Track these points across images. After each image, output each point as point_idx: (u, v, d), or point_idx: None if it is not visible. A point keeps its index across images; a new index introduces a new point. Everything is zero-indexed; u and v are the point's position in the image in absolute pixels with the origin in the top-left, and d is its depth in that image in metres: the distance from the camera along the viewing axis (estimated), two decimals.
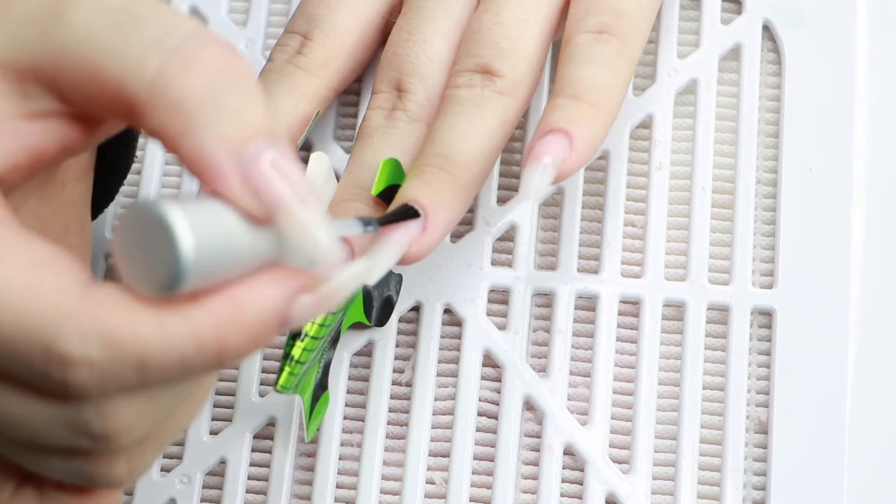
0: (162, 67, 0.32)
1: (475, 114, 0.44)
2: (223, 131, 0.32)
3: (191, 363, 0.32)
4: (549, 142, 0.43)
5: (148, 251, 0.31)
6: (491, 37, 0.45)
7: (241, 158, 0.32)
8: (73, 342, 0.31)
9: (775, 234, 0.48)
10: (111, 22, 0.32)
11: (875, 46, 0.50)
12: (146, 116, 0.32)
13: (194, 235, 0.31)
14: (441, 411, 0.47)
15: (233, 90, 0.32)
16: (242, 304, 0.32)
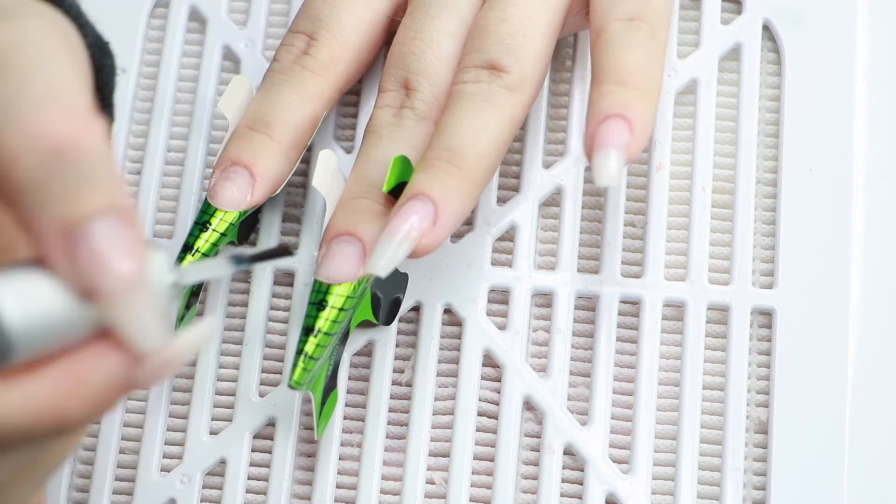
0: (8, 130, 0.31)
1: (483, 108, 0.44)
2: (51, 212, 0.31)
3: (31, 432, 0.32)
4: (610, 127, 0.43)
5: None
6: (497, 33, 0.45)
7: (67, 240, 0.31)
8: None
9: (775, 234, 0.48)
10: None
11: (875, 46, 0.50)
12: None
13: (21, 309, 0.31)
14: (441, 411, 0.47)
15: (67, 170, 0.31)
16: (82, 373, 0.32)
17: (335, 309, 0.43)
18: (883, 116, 0.49)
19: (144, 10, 0.52)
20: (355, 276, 0.43)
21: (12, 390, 0.32)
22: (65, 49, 0.34)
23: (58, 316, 0.32)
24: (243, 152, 0.46)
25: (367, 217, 0.44)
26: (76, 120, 0.32)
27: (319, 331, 0.43)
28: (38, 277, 0.32)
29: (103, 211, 0.31)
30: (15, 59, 0.32)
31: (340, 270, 0.43)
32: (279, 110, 0.47)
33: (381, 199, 0.44)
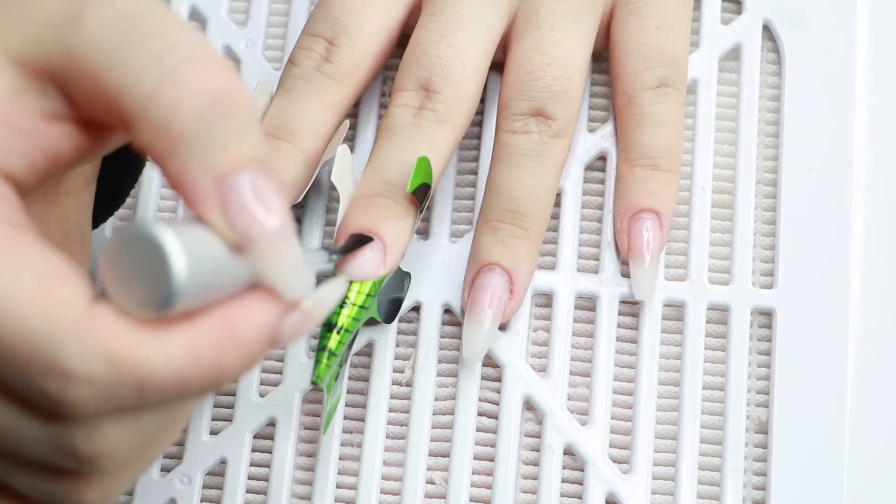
0: (157, 86, 0.32)
1: (537, 163, 0.46)
2: (207, 159, 0.32)
3: (189, 384, 0.32)
4: (644, 230, 0.46)
5: (139, 272, 0.32)
6: (544, 79, 0.46)
7: (221, 188, 0.32)
8: (75, 358, 0.31)
9: (775, 234, 0.48)
10: (120, 31, 0.32)
11: (875, 46, 0.50)
12: (137, 131, 0.33)
13: (186, 255, 0.31)
14: (441, 411, 0.47)
15: (224, 119, 0.32)
16: (238, 324, 0.33)
17: (356, 306, 0.43)
18: (883, 116, 0.49)
19: None
20: (378, 275, 0.44)
21: (174, 337, 0.32)
22: None
23: (216, 265, 0.32)
24: None
25: (388, 216, 0.44)
26: (227, 73, 0.33)
27: (342, 327, 0.43)
28: (199, 230, 0.32)
29: (255, 160, 0.32)
30: (149, 21, 0.33)
31: (364, 269, 0.44)
32: (303, 118, 0.46)
33: (399, 198, 0.45)
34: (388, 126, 0.46)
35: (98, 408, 0.32)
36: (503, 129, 0.47)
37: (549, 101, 0.46)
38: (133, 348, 0.32)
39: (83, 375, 0.31)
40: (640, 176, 0.47)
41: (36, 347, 0.31)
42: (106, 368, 0.31)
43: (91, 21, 0.33)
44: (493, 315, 0.46)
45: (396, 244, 0.44)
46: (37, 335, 0.31)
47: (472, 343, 0.46)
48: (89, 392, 0.31)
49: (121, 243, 0.32)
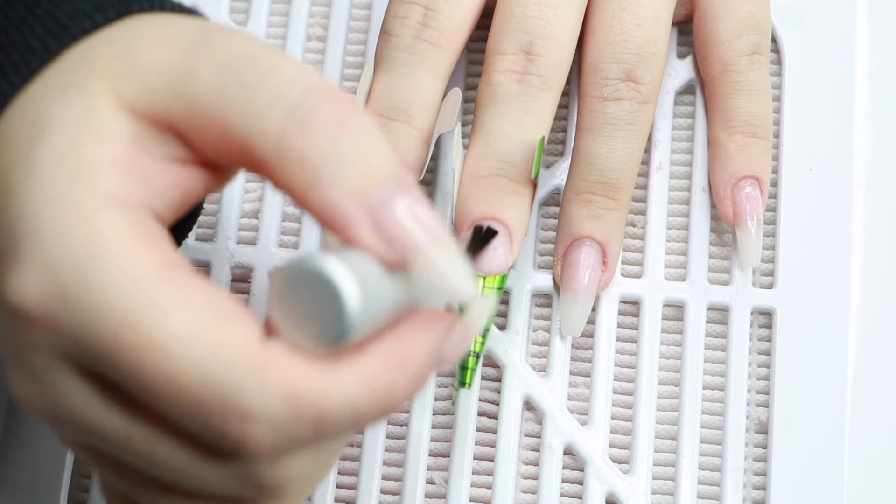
0: (284, 126, 0.32)
1: (628, 133, 0.45)
2: (348, 182, 0.32)
3: (365, 414, 0.32)
4: (749, 197, 0.46)
5: (311, 307, 0.31)
6: (634, 40, 0.45)
7: (369, 207, 0.32)
8: (255, 398, 0.31)
9: (775, 234, 0.48)
10: (235, 77, 0.32)
11: (875, 46, 0.50)
12: (273, 173, 0.32)
13: (359, 288, 0.31)
14: (441, 411, 0.47)
15: (353, 141, 0.32)
16: (408, 350, 0.33)
17: None
18: (883, 116, 0.49)
19: None
20: (508, 267, 0.43)
21: (349, 370, 0.32)
22: None
23: (380, 293, 0.32)
24: None
25: (510, 199, 0.44)
26: (344, 98, 0.33)
27: (485, 329, 0.43)
28: (358, 256, 0.32)
29: (395, 177, 0.32)
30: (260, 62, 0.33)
31: (495, 263, 0.43)
32: (413, 94, 0.45)
33: (518, 177, 0.44)
34: (494, 94, 0.44)
35: (278, 445, 0.32)
36: (592, 95, 0.45)
37: (638, 63, 0.45)
38: (310, 385, 0.31)
39: (263, 415, 0.31)
40: (742, 143, 0.47)
41: (215, 390, 0.31)
42: (285, 407, 0.31)
43: (204, 71, 0.33)
44: (589, 289, 0.45)
45: (520, 229, 0.44)
46: (215, 378, 0.31)
47: (570, 318, 0.46)
48: (269, 431, 0.31)
49: (289, 279, 0.32)
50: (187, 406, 0.31)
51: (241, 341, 0.31)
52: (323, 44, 0.51)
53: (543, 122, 0.44)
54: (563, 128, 0.50)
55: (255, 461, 0.32)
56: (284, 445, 0.32)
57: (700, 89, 0.49)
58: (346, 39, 0.51)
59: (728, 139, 0.47)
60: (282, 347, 0.32)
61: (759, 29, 0.47)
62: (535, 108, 0.44)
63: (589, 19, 0.46)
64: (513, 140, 0.44)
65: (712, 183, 0.47)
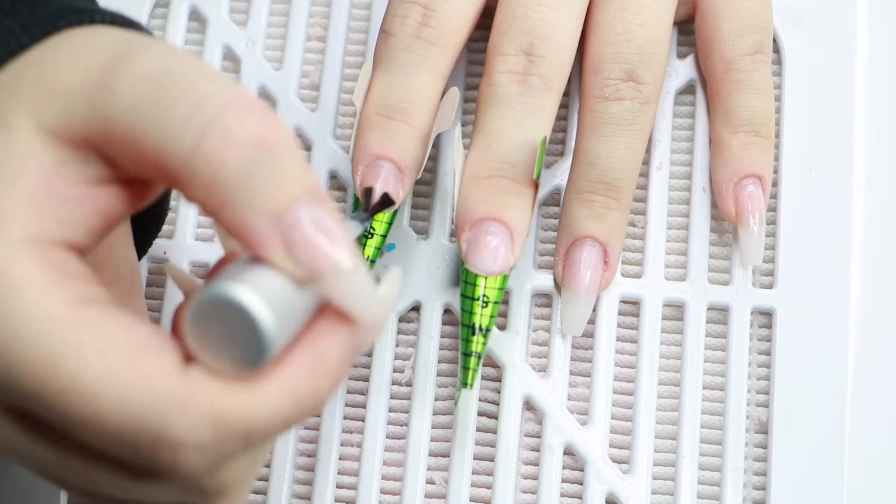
0: (197, 143, 0.32)
1: (630, 132, 0.45)
2: (260, 203, 0.32)
3: (291, 421, 0.33)
4: (751, 195, 0.46)
5: (226, 333, 0.32)
6: (636, 40, 0.45)
7: (280, 228, 0.32)
8: (182, 427, 0.32)
9: (775, 234, 0.48)
10: (152, 92, 0.32)
11: (875, 46, 0.50)
12: (186, 189, 0.33)
13: (270, 310, 0.32)
14: (441, 411, 0.47)
15: (268, 161, 0.32)
16: (324, 352, 0.33)
17: (492, 303, 0.43)
18: (883, 117, 0.49)
19: (144, 10, 0.52)
20: (510, 267, 0.43)
21: (272, 385, 0.32)
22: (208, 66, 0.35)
23: (291, 306, 0.32)
24: (387, 145, 0.45)
25: (511, 200, 0.43)
26: (262, 113, 0.33)
27: (484, 328, 0.43)
28: (267, 274, 0.32)
29: (309, 194, 0.32)
30: (179, 78, 0.33)
31: (497, 264, 0.43)
32: (412, 94, 0.45)
33: (519, 178, 0.44)
34: (495, 95, 0.44)
35: (210, 464, 0.32)
36: (594, 95, 0.45)
37: (639, 63, 0.45)
38: (235, 406, 0.32)
39: (192, 442, 0.32)
40: (744, 142, 0.47)
41: (141, 425, 0.31)
42: (212, 431, 0.32)
43: (121, 87, 0.33)
44: (590, 288, 0.46)
45: (522, 229, 0.44)
46: (139, 413, 0.31)
47: (571, 318, 0.46)
48: (200, 455, 0.32)
49: (201, 308, 0.32)
50: (116, 442, 0.32)
51: (161, 373, 0.32)
52: (323, 44, 0.51)
53: (545, 122, 0.44)
54: (563, 128, 0.50)
55: (192, 478, 0.33)
56: (217, 463, 0.33)
57: (701, 89, 0.49)
58: (346, 39, 0.51)
59: (731, 138, 0.47)
60: (202, 373, 0.32)
61: (761, 28, 0.47)
62: (537, 108, 0.44)
63: (590, 19, 0.46)
64: (514, 141, 0.44)
65: (714, 181, 0.48)
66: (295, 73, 0.51)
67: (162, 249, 0.49)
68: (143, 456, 0.32)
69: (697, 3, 0.48)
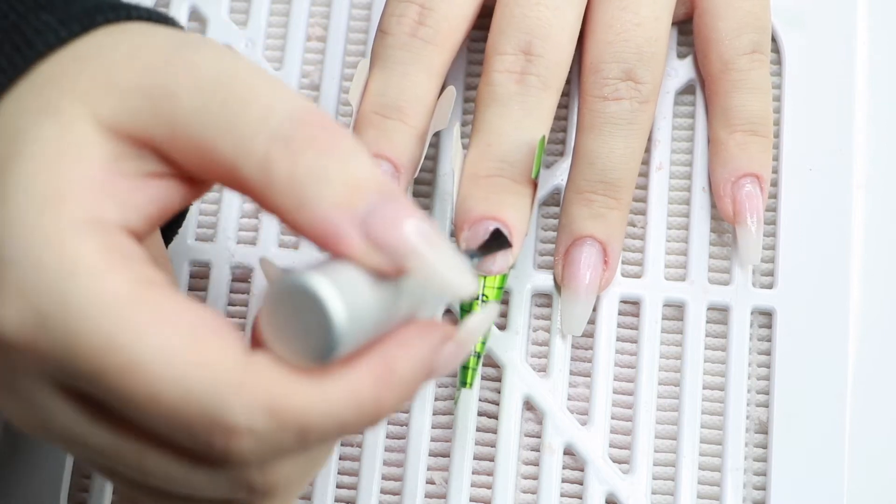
0: (269, 149, 0.32)
1: (629, 132, 0.45)
2: (334, 198, 0.32)
3: (349, 427, 0.33)
4: (749, 195, 0.46)
5: (298, 322, 0.32)
6: (634, 40, 0.45)
7: (358, 218, 0.32)
8: (239, 413, 0.31)
9: (775, 234, 0.48)
10: (218, 101, 0.33)
11: (875, 46, 0.50)
12: (262, 196, 0.33)
13: (345, 304, 0.31)
14: (441, 411, 0.47)
15: (337, 160, 0.32)
16: (396, 363, 0.33)
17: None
18: (883, 117, 0.49)
19: None
20: (508, 267, 0.44)
21: (334, 384, 0.32)
22: None
23: (369, 307, 0.32)
24: (383, 144, 0.45)
25: (510, 199, 0.44)
26: (320, 117, 0.33)
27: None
28: (348, 270, 0.32)
29: (379, 186, 0.32)
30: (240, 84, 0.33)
31: (497, 263, 0.43)
32: (408, 92, 0.45)
33: (518, 177, 0.44)
34: (494, 95, 0.44)
35: (263, 455, 0.32)
36: (593, 95, 0.45)
37: (638, 63, 0.45)
38: (294, 398, 0.32)
39: (247, 429, 0.31)
40: (742, 142, 0.47)
41: (199, 407, 0.31)
42: (269, 421, 0.32)
43: (185, 92, 0.33)
44: (590, 288, 0.45)
45: (521, 229, 0.44)
46: (199, 394, 0.31)
47: (570, 317, 0.46)
48: (254, 443, 0.32)
49: (277, 295, 0.32)
50: (173, 423, 0.32)
51: (223, 357, 0.32)
52: (323, 44, 0.51)
53: (543, 121, 0.44)
54: (563, 127, 0.50)
55: (243, 468, 0.33)
56: (270, 455, 0.33)
57: (700, 89, 0.49)
58: (346, 39, 0.51)
59: (728, 137, 0.47)
60: (265, 361, 0.32)
61: (759, 28, 0.47)
62: (535, 108, 0.44)
63: (589, 19, 0.46)
64: (513, 140, 0.44)
65: (712, 181, 0.47)
66: (295, 73, 0.51)
67: None
68: (198, 439, 0.32)
69: (696, 2, 0.48)
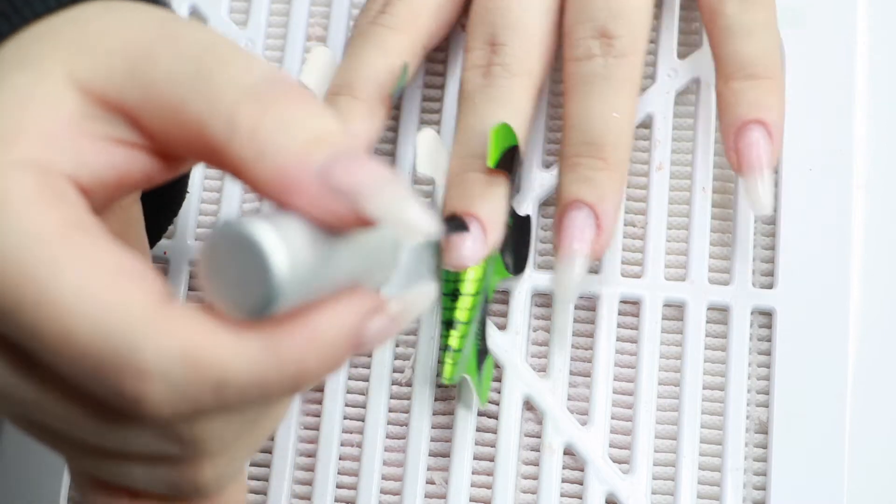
0: (237, 105, 0.32)
1: (605, 89, 0.44)
2: (295, 148, 0.32)
3: (269, 386, 0.32)
4: (753, 144, 0.45)
5: (237, 272, 0.30)
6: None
7: (317, 166, 0.31)
8: (151, 355, 0.30)
9: (775, 234, 0.48)
10: (195, 65, 0.33)
11: (875, 46, 0.50)
12: (224, 151, 0.32)
13: (288, 256, 0.30)
14: (441, 411, 0.47)
15: (302, 114, 0.32)
16: (321, 326, 0.32)
17: (469, 296, 0.43)
18: (883, 116, 0.49)
19: None
20: (482, 258, 0.43)
21: (256, 338, 0.31)
22: None
23: (313, 265, 0.31)
24: None
25: (479, 192, 0.44)
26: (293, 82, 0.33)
27: (459, 322, 0.43)
28: (293, 220, 0.31)
29: (342, 139, 0.32)
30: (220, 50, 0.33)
31: (467, 255, 0.43)
32: (360, 69, 0.46)
33: (487, 170, 0.44)
34: (463, 93, 0.45)
35: (175, 408, 0.31)
36: (567, 59, 0.45)
37: (609, 18, 0.45)
38: (210, 348, 0.31)
39: (159, 374, 0.31)
40: (738, 89, 0.45)
41: (111, 346, 0.30)
42: (181, 366, 0.31)
43: (163, 59, 0.33)
44: (581, 253, 0.44)
45: (493, 220, 0.44)
46: (112, 333, 0.30)
47: (563, 285, 0.44)
48: (166, 390, 0.31)
49: (217, 242, 0.31)
50: (83, 363, 0.31)
51: (141, 298, 0.31)
52: (323, 44, 0.51)
53: (513, 109, 0.45)
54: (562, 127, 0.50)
55: (162, 420, 0.32)
56: (182, 408, 0.31)
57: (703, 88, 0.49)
58: (345, 39, 0.51)
59: (725, 88, 0.46)
60: (185, 308, 0.31)
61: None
62: (500, 97, 0.45)
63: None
64: (479, 133, 0.44)
65: (721, 136, 0.46)
66: (295, 73, 0.51)
67: (162, 249, 0.49)
68: (108, 383, 0.31)
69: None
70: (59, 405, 0.33)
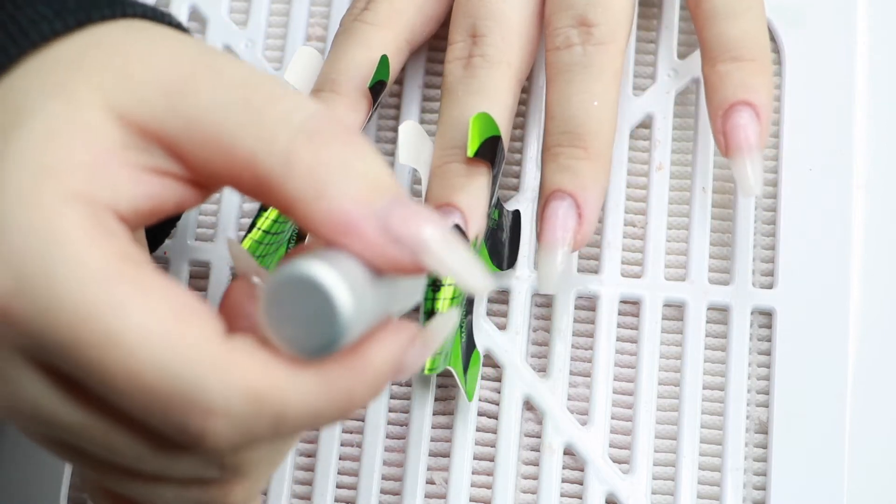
0: (292, 142, 0.32)
1: (584, 77, 0.44)
2: (355, 192, 0.32)
3: (322, 416, 0.33)
4: (739, 125, 0.44)
5: (301, 314, 0.31)
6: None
7: (377, 211, 0.32)
8: (217, 394, 0.31)
9: (775, 234, 0.48)
10: (240, 99, 0.33)
11: (875, 46, 0.50)
12: (279, 187, 0.32)
13: (352, 300, 0.31)
14: (441, 411, 0.47)
15: (359, 156, 0.33)
16: (371, 358, 0.33)
17: (450, 286, 0.43)
18: (883, 117, 0.49)
19: None
20: None
21: (312, 374, 0.32)
22: None
23: (367, 301, 0.32)
24: None
25: (460, 183, 0.44)
26: (341, 121, 0.33)
27: (439, 312, 0.43)
28: (348, 261, 0.32)
29: (397, 191, 0.33)
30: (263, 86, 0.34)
31: None
32: (343, 65, 0.46)
33: (468, 160, 0.44)
34: (445, 85, 0.46)
35: (237, 440, 0.32)
36: (548, 48, 0.45)
37: (588, 7, 0.45)
38: (271, 384, 0.32)
39: (224, 411, 0.31)
40: (723, 71, 0.45)
41: (177, 386, 0.31)
42: (245, 403, 0.32)
43: (204, 93, 0.33)
44: (562, 243, 0.44)
45: (474, 210, 0.44)
46: (177, 372, 0.31)
47: (546, 275, 0.44)
48: (230, 426, 0.32)
49: (280, 284, 0.31)
50: (148, 401, 0.31)
51: (203, 337, 0.31)
52: (323, 44, 0.51)
53: (494, 99, 0.45)
54: None
55: (215, 451, 0.33)
56: (242, 440, 0.32)
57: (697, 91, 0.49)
58: None
59: (711, 71, 0.46)
60: (246, 345, 0.32)
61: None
62: (480, 87, 0.45)
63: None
64: (459, 124, 0.44)
65: (709, 119, 0.46)
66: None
67: (162, 249, 0.49)
68: (173, 419, 0.32)
69: None
70: (108, 434, 0.33)
